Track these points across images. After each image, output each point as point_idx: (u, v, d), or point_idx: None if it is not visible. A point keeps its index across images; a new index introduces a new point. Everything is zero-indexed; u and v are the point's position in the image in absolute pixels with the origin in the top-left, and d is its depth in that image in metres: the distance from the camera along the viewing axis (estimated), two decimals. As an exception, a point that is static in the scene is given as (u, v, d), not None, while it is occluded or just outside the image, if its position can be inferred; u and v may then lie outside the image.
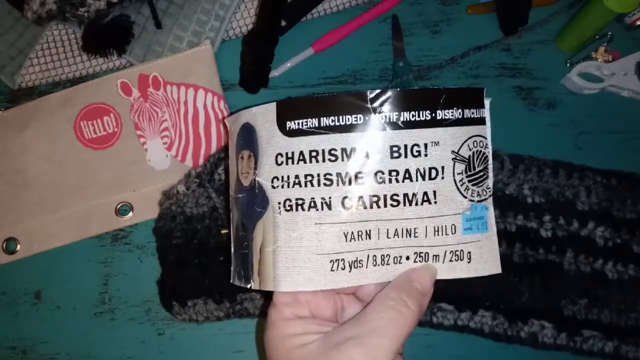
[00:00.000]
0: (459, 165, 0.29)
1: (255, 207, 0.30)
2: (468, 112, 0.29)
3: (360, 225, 0.28)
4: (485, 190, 0.30)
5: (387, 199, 0.28)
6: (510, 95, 0.51)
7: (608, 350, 0.43)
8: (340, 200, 0.28)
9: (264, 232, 0.29)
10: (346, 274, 0.28)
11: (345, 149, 0.28)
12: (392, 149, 0.28)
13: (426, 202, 0.28)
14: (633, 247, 0.44)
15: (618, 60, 0.50)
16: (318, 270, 0.28)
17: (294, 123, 0.28)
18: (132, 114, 0.50)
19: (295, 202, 0.28)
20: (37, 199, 0.49)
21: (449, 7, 0.53)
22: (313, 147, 0.28)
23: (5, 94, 0.53)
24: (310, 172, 0.28)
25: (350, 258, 0.28)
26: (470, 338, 0.45)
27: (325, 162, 0.28)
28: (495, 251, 0.31)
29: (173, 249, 0.46)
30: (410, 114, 0.28)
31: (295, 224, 0.28)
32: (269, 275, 0.29)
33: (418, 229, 0.28)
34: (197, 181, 0.45)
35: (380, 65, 0.52)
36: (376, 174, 0.28)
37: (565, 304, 0.44)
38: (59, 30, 0.53)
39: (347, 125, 0.28)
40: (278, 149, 0.29)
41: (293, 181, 0.28)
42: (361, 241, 0.28)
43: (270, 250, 0.29)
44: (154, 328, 0.48)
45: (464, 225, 0.29)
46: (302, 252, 0.28)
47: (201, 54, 0.50)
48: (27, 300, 0.49)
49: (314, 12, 0.52)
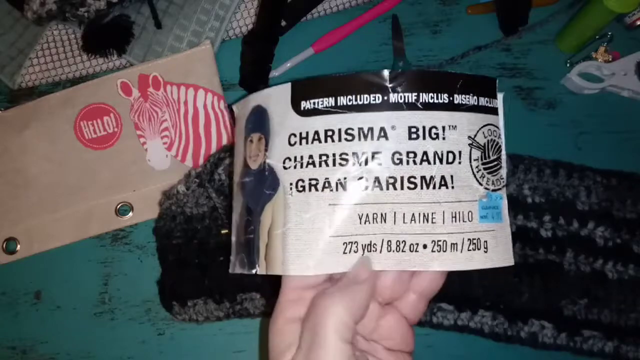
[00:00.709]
0: (475, 151, 0.28)
1: (264, 189, 0.29)
2: (482, 100, 0.29)
3: (375, 207, 0.27)
4: (500, 180, 0.30)
5: (404, 180, 0.27)
6: (510, 95, 0.51)
7: (608, 350, 0.43)
8: (356, 181, 0.27)
9: (273, 215, 0.28)
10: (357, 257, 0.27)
11: (362, 128, 0.27)
12: (410, 129, 0.27)
13: (443, 187, 0.28)
14: (633, 247, 0.44)
15: (618, 60, 0.50)
16: (330, 252, 0.27)
17: (309, 102, 0.28)
18: (132, 114, 0.50)
19: (309, 182, 0.28)
20: (37, 199, 0.49)
21: (449, 7, 0.53)
22: (329, 127, 0.27)
23: (5, 94, 0.53)
24: (325, 152, 0.27)
25: (364, 241, 0.27)
26: (470, 338, 0.45)
27: (341, 141, 0.27)
28: (509, 242, 0.30)
29: (173, 249, 0.46)
30: (429, 95, 0.27)
31: (308, 204, 0.28)
32: (277, 259, 0.28)
33: (435, 214, 0.27)
34: (197, 181, 0.45)
35: (380, 65, 0.52)
36: (393, 155, 0.27)
37: (565, 304, 0.44)
38: (59, 30, 0.53)
39: (365, 104, 0.27)
40: (291, 129, 0.28)
41: (307, 161, 0.28)
42: (376, 224, 0.27)
43: (279, 232, 0.28)
44: (154, 328, 0.48)
45: (480, 213, 0.28)
46: (314, 233, 0.27)
47: (201, 54, 0.50)
48: (27, 300, 0.49)
49: (314, 12, 0.52)
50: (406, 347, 0.29)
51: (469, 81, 0.28)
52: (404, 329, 0.29)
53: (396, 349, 0.29)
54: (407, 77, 0.27)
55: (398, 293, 0.29)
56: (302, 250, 0.28)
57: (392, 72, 0.27)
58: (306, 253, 0.28)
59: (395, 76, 0.27)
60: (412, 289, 0.29)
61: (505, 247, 0.30)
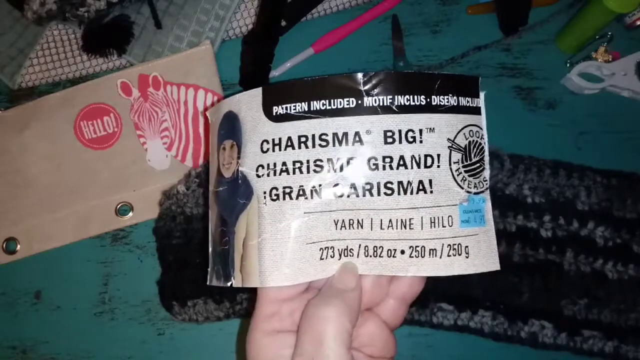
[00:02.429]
0: (455, 154, 0.28)
1: (237, 198, 0.28)
2: (463, 100, 0.28)
3: (352, 213, 0.27)
4: (482, 182, 0.29)
5: (381, 186, 0.26)
6: (510, 95, 0.51)
7: (608, 350, 0.43)
8: (331, 187, 0.26)
9: (247, 225, 0.27)
10: (335, 263, 0.27)
11: (337, 134, 0.26)
12: (386, 133, 0.26)
13: (422, 191, 0.27)
14: (633, 247, 0.44)
15: (618, 60, 0.50)
16: (307, 260, 0.27)
17: (281, 108, 0.27)
18: (132, 114, 0.50)
19: (283, 190, 0.27)
20: (37, 199, 0.49)
21: (449, 7, 0.53)
22: (302, 132, 0.27)
23: (5, 94, 0.53)
24: (299, 159, 0.27)
25: (341, 246, 0.27)
26: (470, 338, 0.45)
27: (315, 147, 0.26)
28: (493, 246, 0.29)
29: (173, 249, 0.46)
30: (405, 97, 0.26)
31: (283, 214, 0.27)
32: (254, 271, 0.27)
33: (413, 219, 0.27)
34: (197, 181, 0.45)
35: (380, 65, 0.52)
36: (369, 160, 0.26)
37: (565, 304, 0.44)
38: (59, 30, 0.53)
39: (339, 109, 0.26)
40: (264, 135, 0.27)
41: (280, 169, 0.27)
42: (352, 229, 0.27)
43: (254, 243, 0.27)
44: (154, 328, 0.48)
45: (461, 218, 0.28)
46: (290, 243, 0.27)
47: (201, 54, 0.50)
48: (27, 300, 0.49)
49: (314, 12, 0.52)
50: (388, 353, 0.29)
51: (447, 81, 0.27)
52: (385, 334, 0.29)
53: (378, 355, 0.29)
54: (381, 80, 0.26)
55: (377, 298, 0.29)
56: (278, 261, 0.27)
57: (365, 74, 0.26)
58: (283, 263, 0.27)
59: (369, 79, 0.26)
60: (391, 294, 0.29)
61: (489, 252, 0.29)
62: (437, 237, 0.27)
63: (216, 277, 0.30)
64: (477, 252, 0.28)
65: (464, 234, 0.28)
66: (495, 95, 0.51)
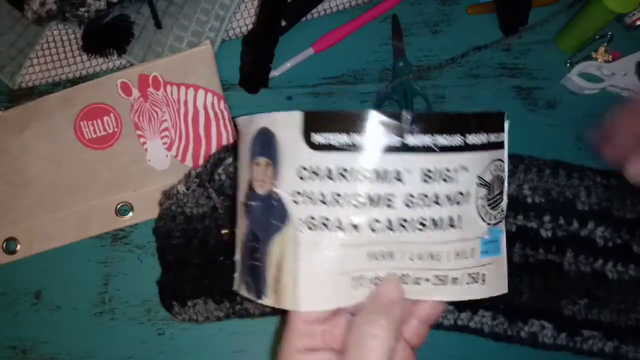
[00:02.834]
0: (482, 189, 0.29)
1: (271, 219, 0.28)
2: (492, 136, 0.29)
3: (385, 246, 0.27)
4: (500, 213, 0.30)
5: (415, 222, 0.27)
6: (510, 95, 0.51)
7: (608, 350, 0.43)
8: (369, 223, 0.27)
9: (282, 248, 0.28)
10: (366, 291, 0.28)
11: (378, 170, 0.26)
12: (425, 172, 0.27)
13: (451, 227, 0.28)
14: (633, 247, 0.44)
15: (618, 60, 0.50)
16: (340, 288, 0.28)
17: (322, 137, 0.27)
18: (132, 114, 0.50)
19: (320, 221, 0.27)
20: (37, 199, 0.49)
21: (449, 7, 0.53)
22: (343, 165, 0.26)
23: (5, 94, 0.53)
24: (338, 191, 0.27)
25: (371, 275, 0.28)
26: (470, 338, 0.45)
27: (355, 182, 0.26)
28: (504, 272, 0.31)
29: (173, 249, 0.46)
30: (444, 137, 0.27)
31: (319, 243, 0.27)
32: (288, 294, 0.28)
33: (441, 252, 0.28)
34: (197, 181, 0.45)
35: (380, 65, 0.52)
36: (407, 197, 0.27)
37: (565, 304, 0.44)
38: (59, 30, 0.53)
39: (382, 145, 0.26)
40: (302, 162, 0.27)
41: (318, 199, 0.27)
42: (383, 260, 0.28)
43: (289, 268, 0.28)
44: (154, 328, 0.48)
45: (481, 249, 0.29)
46: (325, 271, 0.27)
47: (201, 54, 0.50)
48: (27, 300, 0.49)
49: (314, 12, 0.52)
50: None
51: (479, 119, 0.28)
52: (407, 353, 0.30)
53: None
54: (425, 120, 0.26)
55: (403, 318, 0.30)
56: (312, 287, 0.28)
57: (411, 113, 0.26)
58: (317, 290, 0.28)
59: (415, 118, 0.26)
60: (415, 315, 0.30)
61: (501, 278, 0.30)
62: (460, 268, 0.29)
63: (246, 289, 0.31)
64: (492, 279, 0.30)
65: (482, 264, 0.29)
66: (495, 95, 0.51)
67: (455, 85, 0.51)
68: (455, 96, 0.51)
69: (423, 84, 0.51)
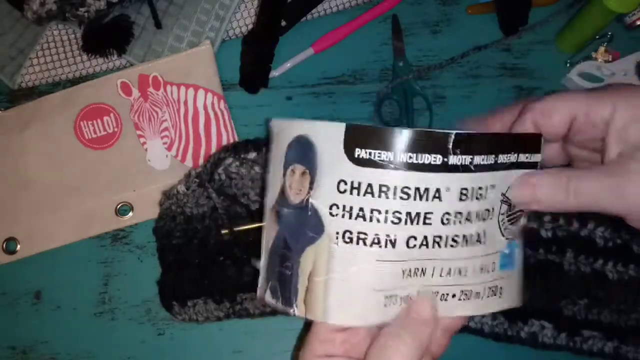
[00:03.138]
0: (504, 206, 0.29)
1: (306, 229, 0.28)
2: (523, 156, 0.29)
3: (419, 262, 0.28)
4: (519, 229, 0.31)
5: (449, 239, 0.28)
6: (510, 95, 0.51)
7: (608, 351, 0.43)
8: (405, 240, 0.27)
9: (315, 260, 0.28)
10: (397, 309, 0.28)
11: (419, 188, 0.26)
12: (462, 191, 0.27)
13: (478, 243, 0.28)
14: (633, 247, 0.44)
15: (618, 60, 0.50)
16: (372, 306, 0.28)
17: (365, 152, 0.26)
18: (132, 114, 0.50)
19: (357, 235, 0.27)
20: (37, 199, 0.49)
21: (449, 7, 0.53)
22: (384, 182, 0.26)
23: (5, 94, 0.53)
24: (378, 207, 0.27)
25: (403, 293, 0.28)
26: (470, 338, 0.45)
27: (395, 199, 0.26)
28: (520, 284, 0.31)
29: (173, 249, 0.46)
30: (481, 157, 0.27)
31: (355, 257, 0.27)
32: (318, 306, 0.28)
33: (468, 268, 0.29)
34: (197, 181, 0.45)
35: (380, 65, 0.52)
36: (443, 215, 0.27)
37: (565, 304, 0.44)
38: (59, 30, 0.53)
39: (425, 164, 0.26)
40: (343, 175, 0.27)
41: (357, 213, 0.27)
42: (416, 278, 0.28)
43: (322, 280, 0.28)
44: (154, 328, 0.48)
45: (500, 262, 0.30)
46: (358, 286, 0.27)
47: (201, 54, 0.50)
48: (27, 300, 0.49)
49: (314, 12, 0.52)
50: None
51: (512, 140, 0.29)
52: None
53: None
54: (467, 140, 0.27)
55: None
56: (344, 302, 0.28)
57: (458, 134, 0.26)
58: (349, 304, 0.28)
59: (459, 138, 0.26)
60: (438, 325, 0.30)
61: (517, 289, 0.31)
62: (482, 282, 0.29)
63: (272, 295, 0.30)
64: (508, 292, 0.31)
65: (500, 277, 0.30)
66: (495, 95, 0.51)
67: (455, 85, 0.51)
68: (455, 96, 0.51)
69: (423, 84, 0.51)
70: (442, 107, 0.51)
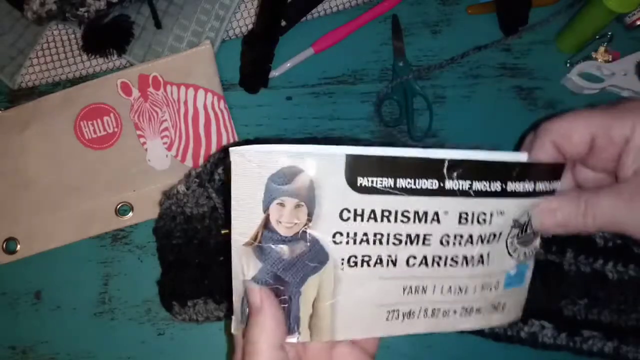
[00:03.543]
0: (514, 230, 0.30)
1: (305, 260, 0.28)
2: (540, 184, 0.29)
3: (419, 280, 0.29)
4: (532, 250, 0.31)
5: (448, 259, 0.29)
6: (510, 95, 0.51)
7: (608, 351, 0.43)
8: (406, 259, 0.29)
9: (319, 286, 0.28)
10: (399, 324, 0.30)
11: (418, 212, 0.28)
12: (461, 215, 0.28)
13: (480, 263, 0.29)
14: (633, 247, 0.44)
15: (618, 60, 0.50)
16: (375, 320, 0.29)
17: (367, 180, 0.27)
18: (132, 114, 0.50)
19: (362, 259, 0.28)
20: (37, 199, 0.49)
21: (449, 7, 0.53)
22: (386, 207, 0.28)
23: (5, 94, 0.53)
24: (380, 231, 0.28)
25: (405, 309, 0.30)
26: (470, 338, 0.45)
27: (397, 222, 0.28)
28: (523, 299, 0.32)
29: (173, 249, 0.46)
30: (482, 183, 0.28)
31: (360, 278, 0.28)
32: (325, 328, 0.29)
33: (469, 286, 0.30)
34: (197, 181, 0.45)
35: (380, 65, 0.52)
36: (442, 237, 0.28)
37: (565, 304, 0.44)
38: (59, 30, 0.53)
39: (422, 189, 0.27)
40: (346, 204, 0.27)
41: (361, 238, 0.28)
42: (417, 294, 0.29)
43: (328, 304, 0.29)
44: (154, 328, 0.48)
45: (505, 282, 0.31)
46: (363, 304, 0.29)
47: (201, 54, 0.50)
48: (27, 300, 0.49)
49: (314, 12, 0.52)
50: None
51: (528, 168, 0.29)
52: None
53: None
54: (464, 166, 0.27)
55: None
56: (350, 320, 0.29)
57: (451, 161, 0.27)
58: (354, 322, 0.29)
59: (453, 164, 0.27)
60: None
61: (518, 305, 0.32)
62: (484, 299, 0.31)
63: None
64: (511, 307, 0.32)
65: (505, 294, 0.31)
66: (495, 95, 0.51)
67: (455, 85, 0.51)
68: (455, 96, 0.51)
69: (423, 84, 0.51)
70: (442, 107, 0.51)
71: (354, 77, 0.52)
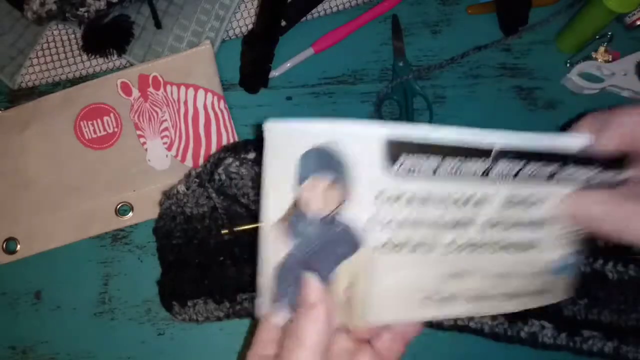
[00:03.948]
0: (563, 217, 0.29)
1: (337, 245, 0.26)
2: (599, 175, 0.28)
3: (460, 267, 0.28)
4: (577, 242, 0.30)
5: (491, 245, 0.28)
6: (510, 95, 0.51)
7: (608, 351, 0.43)
8: (447, 245, 0.27)
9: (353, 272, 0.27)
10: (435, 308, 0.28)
11: (461, 196, 0.26)
12: (508, 199, 0.27)
13: (524, 251, 0.28)
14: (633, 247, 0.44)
15: (618, 60, 0.50)
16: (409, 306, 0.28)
17: (407, 162, 0.25)
18: (132, 114, 0.50)
19: (399, 243, 0.26)
20: (37, 199, 0.49)
21: (449, 7, 0.53)
22: (427, 192, 0.26)
23: (5, 94, 0.53)
24: (420, 217, 0.26)
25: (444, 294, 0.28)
26: (470, 338, 0.45)
27: (437, 207, 0.26)
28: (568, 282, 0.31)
29: (173, 249, 0.46)
30: (533, 167, 0.27)
31: (396, 264, 0.27)
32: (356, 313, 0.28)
33: (511, 274, 0.29)
34: (197, 181, 0.45)
35: (380, 65, 0.52)
36: (487, 222, 0.27)
37: (565, 304, 0.44)
38: (59, 30, 0.53)
39: (467, 172, 0.26)
40: (382, 187, 0.25)
41: (397, 223, 0.26)
42: (457, 281, 0.28)
43: (361, 289, 0.27)
44: (154, 328, 0.48)
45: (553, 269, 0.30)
46: (399, 290, 0.28)
47: (201, 54, 0.50)
48: (27, 300, 0.49)
49: (314, 12, 0.52)
50: None
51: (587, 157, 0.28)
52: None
53: None
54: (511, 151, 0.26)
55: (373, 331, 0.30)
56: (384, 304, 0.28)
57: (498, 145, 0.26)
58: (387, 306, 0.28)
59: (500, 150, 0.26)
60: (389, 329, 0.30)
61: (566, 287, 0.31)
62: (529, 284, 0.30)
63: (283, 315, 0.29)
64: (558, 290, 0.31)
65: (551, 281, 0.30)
66: (495, 95, 0.51)
67: (455, 85, 0.51)
68: (455, 96, 0.51)
69: (423, 84, 0.51)
70: (442, 107, 0.51)
71: (354, 77, 0.52)
